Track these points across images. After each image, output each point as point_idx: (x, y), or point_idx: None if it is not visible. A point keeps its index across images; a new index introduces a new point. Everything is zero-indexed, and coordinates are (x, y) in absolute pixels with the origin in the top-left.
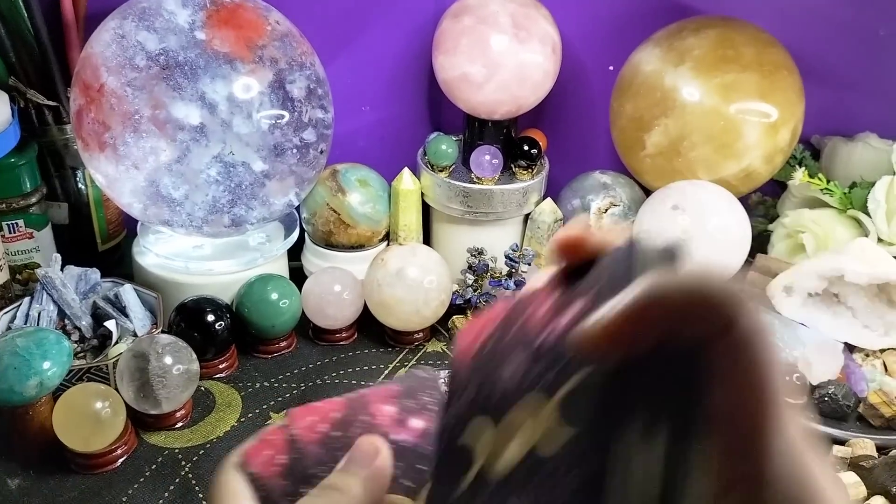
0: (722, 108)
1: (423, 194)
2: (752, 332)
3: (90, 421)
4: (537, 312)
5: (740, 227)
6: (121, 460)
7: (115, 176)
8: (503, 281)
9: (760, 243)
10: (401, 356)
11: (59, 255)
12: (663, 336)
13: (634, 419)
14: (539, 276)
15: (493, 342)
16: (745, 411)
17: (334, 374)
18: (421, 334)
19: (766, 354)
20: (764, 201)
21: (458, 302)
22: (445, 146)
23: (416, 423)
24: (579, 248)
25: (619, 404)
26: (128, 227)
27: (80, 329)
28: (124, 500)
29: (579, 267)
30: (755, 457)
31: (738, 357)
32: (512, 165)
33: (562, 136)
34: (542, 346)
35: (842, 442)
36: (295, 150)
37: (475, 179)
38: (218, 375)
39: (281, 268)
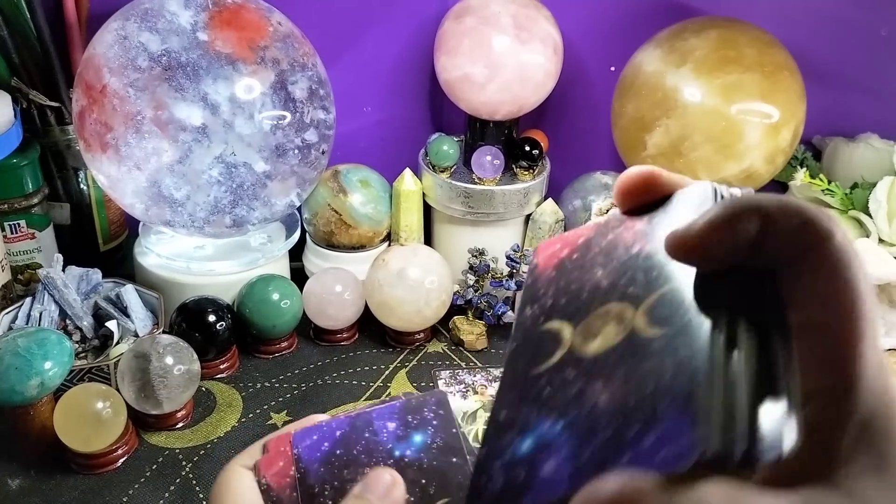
0: (723, 108)
1: (424, 195)
2: (845, 248)
3: (91, 421)
4: (623, 234)
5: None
6: (121, 460)
7: (116, 176)
8: (504, 281)
9: None
10: (402, 356)
11: (60, 256)
12: (756, 246)
13: (725, 324)
14: (605, 216)
15: (575, 257)
16: (837, 321)
17: (335, 375)
18: (422, 335)
19: (856, 273)
20: None
21: (459, 302)
22: (447, 147)
23: (418, 437)
24: (653, 183)
25: (710, 309)
26: (129, 227)
27: (81, 329)
28: (125, 500)
29: (647, 207)
30: (845, 365)
31: (831, 271)
32: (513, 166)
33: (563, 137)
34: (630, 261)
35: None
36: (297, 151)
37: (476, 180)
38: (219, 376)
39: (282, 268)
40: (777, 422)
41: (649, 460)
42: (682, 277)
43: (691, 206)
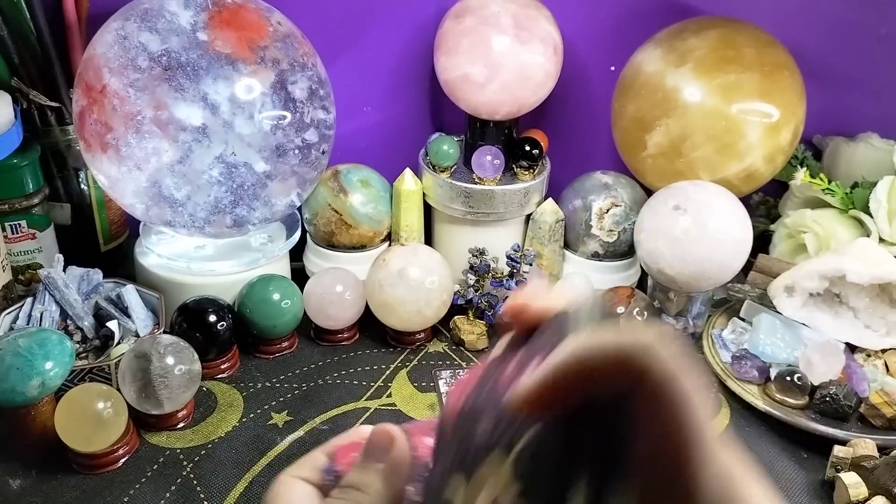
0: (723, 108)
1: (424, 195)
2: (665, 379)
3: (92, 421)
4: (503, 374)
5: (742, 228)
6: (122, 460)
7: (117, 177)
8: (504, 281)
9: (762, 243)
10: (402, 356)
11: (61, 256)
12: (586, 394)
13: (567, 471)
14: (502, 340)
15: (471, 401)
16: (667, 452)
17: (336, 375)
18: (422, 334)
19: (681, 395)
20: (765, 201)
21: (459, 302)
22: (447, 147)
23: None
24: (525, 316)
25: (554, 459)
26: (130, 227)
27: (82, 329)
28: (126, 500)
29: (533, 329)
30: (685, 491)
31: (654, 403)
32: (513, 166)
33: (563, 137)
34: (504, 407)
35: (843, 442)
36: (297, 151)
37: (477, 180)
38: (220, 376)
39: (283, 268)
40: None
41: None
42: (535, 427)
43: (547, 342)
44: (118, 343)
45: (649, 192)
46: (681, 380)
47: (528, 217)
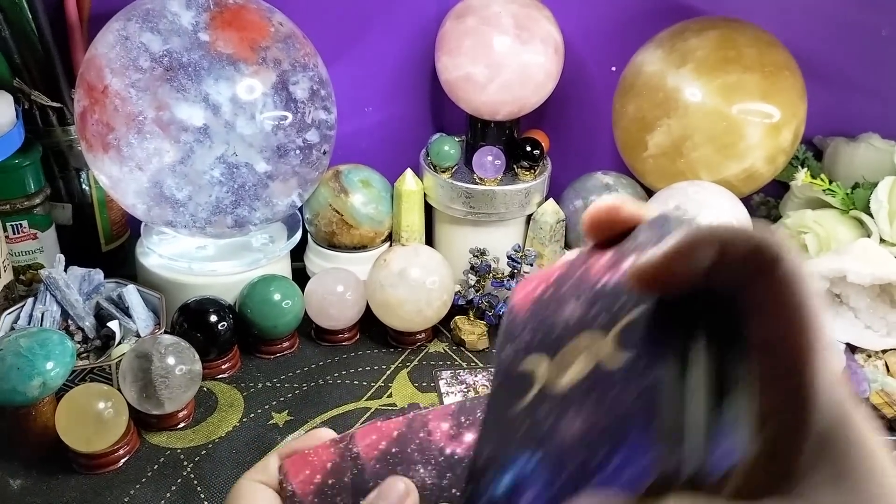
0: (724, 108)
1: (425, 195)
2: (794, 272)
3: (93, 421)
4: (592, 268)
5: (754, 229)
6: (123, 460)
7: (118, 177)
8: (505, 282)
9: None
10: (403, 356)
11: (62, 256)
12: (711, 273)
13: (686, 345)
14: (571, 252)
15: (549, 293)
16: (790, 341)
17: (336, 375)
18: (423, 335)
19: (807, 293)
20: (766, 202)
21: (460, 302)
22: (448, 147)
23: (469, 436)
24: (616, 218)
25: (672, 332)
26: (131, 227)
27: (83, 329)
28: (126, 500)
29: (614, 239)
30: (800, 383)
31: (782, 293)
32: (514, 166)
33: (564, 137)
34: (599, 292)
35: None
36: (298, 151)
37: (477, 180)
38: (220, 376)
39: (284, 268)
40: (728, 437)
41: (615, 481)
42: (647, 304)
43: (653, 236)
44: (119, 343)
45: (650, 193)
46: (808, 277)
47: (529, 217)
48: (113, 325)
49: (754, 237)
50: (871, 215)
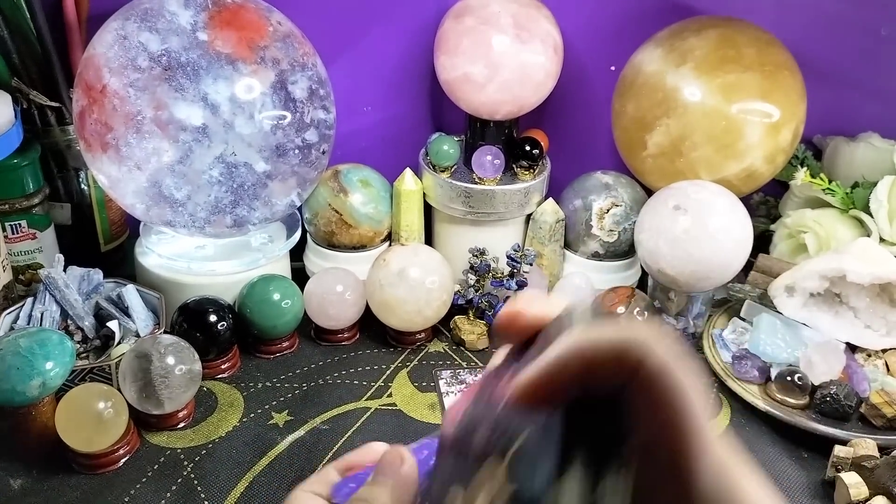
0: (723, 108)
1: (424, 195)
2: (661, 370)
3: (92, 421)
4: (498, 386)
5: (742, 228)
6: (123, 460)
7: (117, 177)
8: (505, 281)
9: (762, 243)
10: (403, 356)
11: (61, 256)
12: (582, 386)
13: (562, 464)
14: (499, 353)
15: (468, 414)
16: (664, 442)
17: (336, 375)
18: (423, 334)
19: (676, 386)
20: (766, 201)
21: (459, 302)
22: (447, 146)
23: None
24: (520, 323)
25: (549, 455)
26: (130, 227)
27: (82, 329)
28: (126, 500)
29: (529, 341)
30: (681, 480)
31: (650, 394)
32: (513, 166)
33: (563, 137)
34: (499, 415)
35: (844, 442)
36: (297, 151)
37: (477, 180)
38: (220, 376)
39: (283, 268)
40: None
41: None
42: (533, 426)
43: (542, 346)
44: (119, 343)
45: (649, 192)
46: (677, 372)
47: (529, 217)
48: (112, 324)
49: (618, 342)
50: (870, 215)
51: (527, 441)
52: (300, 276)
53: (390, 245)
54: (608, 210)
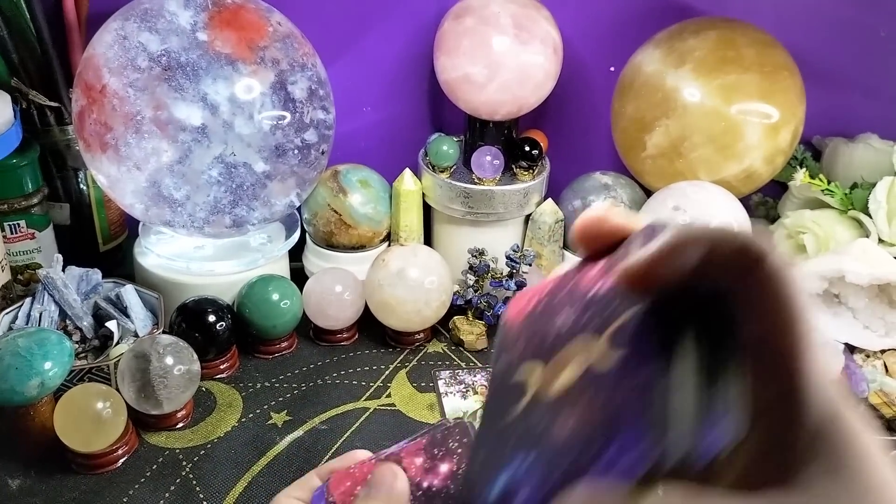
0: (723, 109)
1: (424, 195)
2: (780, 270)
3: (91, 421)
4: (585, 277)
5: (741, 228)
6: (122, 460)
7: (116, 177)
8: (504, 282)
9: None
10: (402, 356)
11: (60, 256)
12: (698, 274)
13: (676, 340)
14: (566, 264)
15: (542, 305)
16: (779, 339)
17: (335, 375)
18: (422, 335)
19: (794, 290)
20: (765, 202)
21: (458, 302)
22: (446, 147)
23: (444, 467)
24: (603, 228)
25: (663, 330)
26: (129, 227)
27: (81, 329)
28: (125, 500)
29: (606, 250)
30: (791, 379)
31: (769, 291)
32: (513, 166)
33: (563, 137)
34: (592, 299)
35: None
36: (296, 151)
37: (476, 180)
38: (219, 376)
39: (282, 268)
40: (716, 425)
41: (609, 472)
42: (638, 306)
43: (642, 242)
44: (117, 343)
45: (649, 193)
46: (793, 276)
47: (528, 217)
48: (111, 324)
49: (739, 237)
50: (869, 215)
51: (631, 318)
52: (299, 277)
53: (389, 245)
54: None
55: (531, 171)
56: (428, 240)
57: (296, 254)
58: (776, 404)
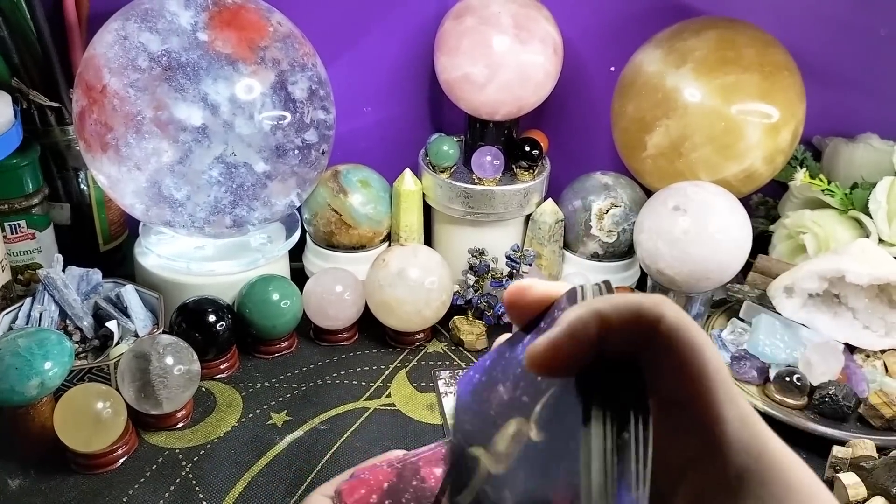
0: (723, 108)
1: (424, 195)
2: (679, 325)
3: (91, 421)
4: (515, 352)
5: (741, 228)
6: (121, 460)
7: (117, 177)
8: (504, 282)
9: (761, 244)
10: (402, 356)
11: (60, 256)
12: (601, 347)
13: (589, 416)
14: (502, 336)
15: (483, 380)
16: (688, 391)
17: (335, 375)
18: (422, 335)
19: (696, 341)
20: (765, 202)
21: (458, 303)
22: (447, 147)
23: None
24: (527, 297)
25: (584, 405)
26: (129, 227)
27: (81, 329)
28: (125, 500)
29: (536, 319)
30: (709, 428)
31: (669, 349)
32: (513, 166)
33: (563, 137)
34: (520, 375)
35: (842, 442)
36: (297, 151)
37: (476, 180)
38: (219, 376)
39: (282, 268)
40: (627, 495)
41: None
42: (555, 387)
43: (555, 317)
44: (117, 343)
45: (649, 193)
46: (694, 329)
47: (528, 217)
48: (111, 324)
49: (633, 303)
50: (869, 215)
51: (555, 396)
52: (299, 277)
53: (390, 245)
54: (607, 210)
55: (531, 171)
56: (428, 240)
57: (296, 254)
58: (699, 460)
